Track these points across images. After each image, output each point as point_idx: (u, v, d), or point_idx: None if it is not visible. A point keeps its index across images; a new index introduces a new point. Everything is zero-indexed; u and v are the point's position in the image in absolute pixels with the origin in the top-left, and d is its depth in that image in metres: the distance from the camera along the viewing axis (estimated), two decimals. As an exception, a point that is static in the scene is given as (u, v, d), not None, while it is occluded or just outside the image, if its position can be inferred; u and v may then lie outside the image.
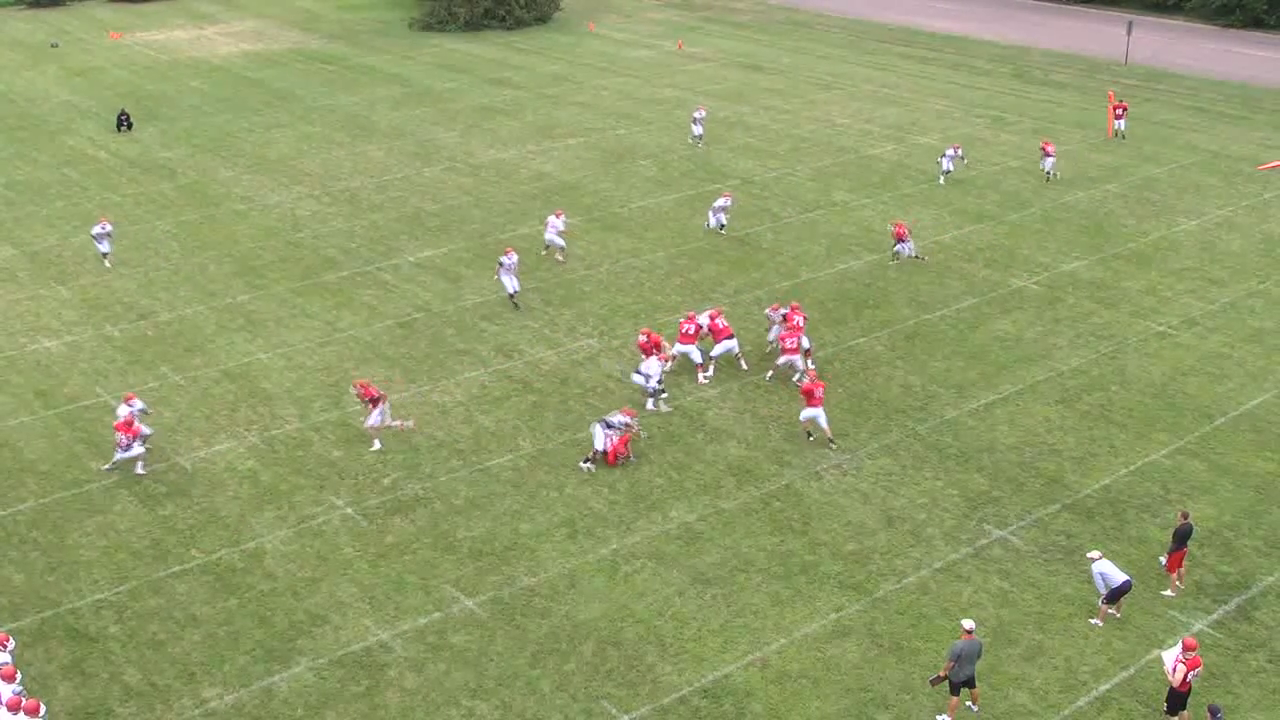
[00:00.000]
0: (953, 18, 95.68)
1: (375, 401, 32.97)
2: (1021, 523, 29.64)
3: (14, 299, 43.05)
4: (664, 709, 24.07)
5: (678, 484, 31.43)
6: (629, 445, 32.28)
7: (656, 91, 71.58)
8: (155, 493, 31.43)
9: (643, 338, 35.95)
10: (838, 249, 46.90)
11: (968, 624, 23.33)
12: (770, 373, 36.63)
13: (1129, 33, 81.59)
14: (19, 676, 22.90)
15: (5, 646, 23.19)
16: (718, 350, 36.83)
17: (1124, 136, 61.48)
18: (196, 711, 24.19)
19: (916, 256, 45.03)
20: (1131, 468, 32.10)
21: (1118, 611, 26.28)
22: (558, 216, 45.68)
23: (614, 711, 24.01)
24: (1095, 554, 26.12)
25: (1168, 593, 27.15)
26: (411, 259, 46.17)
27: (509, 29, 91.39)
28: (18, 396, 36.32)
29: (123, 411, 32.37)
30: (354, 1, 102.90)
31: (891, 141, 61.13)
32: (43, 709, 21.88)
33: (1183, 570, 27.23)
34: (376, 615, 26.75)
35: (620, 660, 25.33)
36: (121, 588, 27.74)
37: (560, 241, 45.60)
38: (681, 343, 36.57)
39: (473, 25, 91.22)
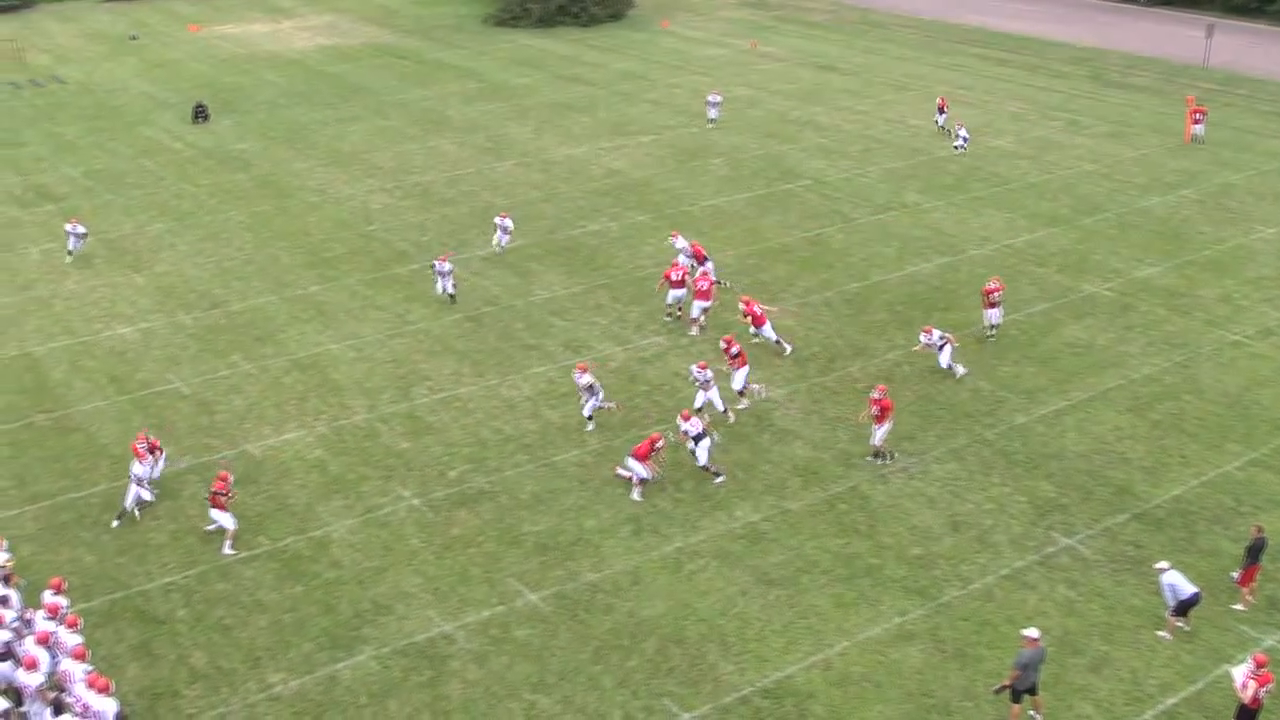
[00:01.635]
0: (1029, 19, 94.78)
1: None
2: (1089, 531, 29.34)
3: (90, 286, 43.67)
4: (725, 708, 24.04)
5: (743, 484, 31.38)
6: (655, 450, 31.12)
7: (729, 90, 71.39)
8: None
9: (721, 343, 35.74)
10: (909, 251, 46.63)
11: (1032, 632, 23.12)
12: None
13: (1209, 36, 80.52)
14: (89, 655, 23.25)
15: (76, 627, 23.53)
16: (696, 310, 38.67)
17: (1202, 142, 60.69)
18: (261, 696, 24.45)
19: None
20: (1203, 479, 31.68)
21: (1186, 624, 25.96)
22: (504, 218, 46.46)
23: (675, 709, 24.01)
24: (1164, 564, 25.81)
25: (1238, 607, 26.78)
26: (482, 253, 46.38)
27: (583, 25, 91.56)
28: (93, 381, 36.85)
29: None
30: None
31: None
32: (112, 687, 22.17)
33: (1254, 585, 26.87)
34: (440, 606, 26.91)
35: (682, 658, 25.33)
36: (190, 572, 28.09)
37: (504, 241, 46.27)
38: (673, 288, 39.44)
39: (547, 21, 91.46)
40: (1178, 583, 25.41)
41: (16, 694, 23.10)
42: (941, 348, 36.66)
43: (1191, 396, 35.79)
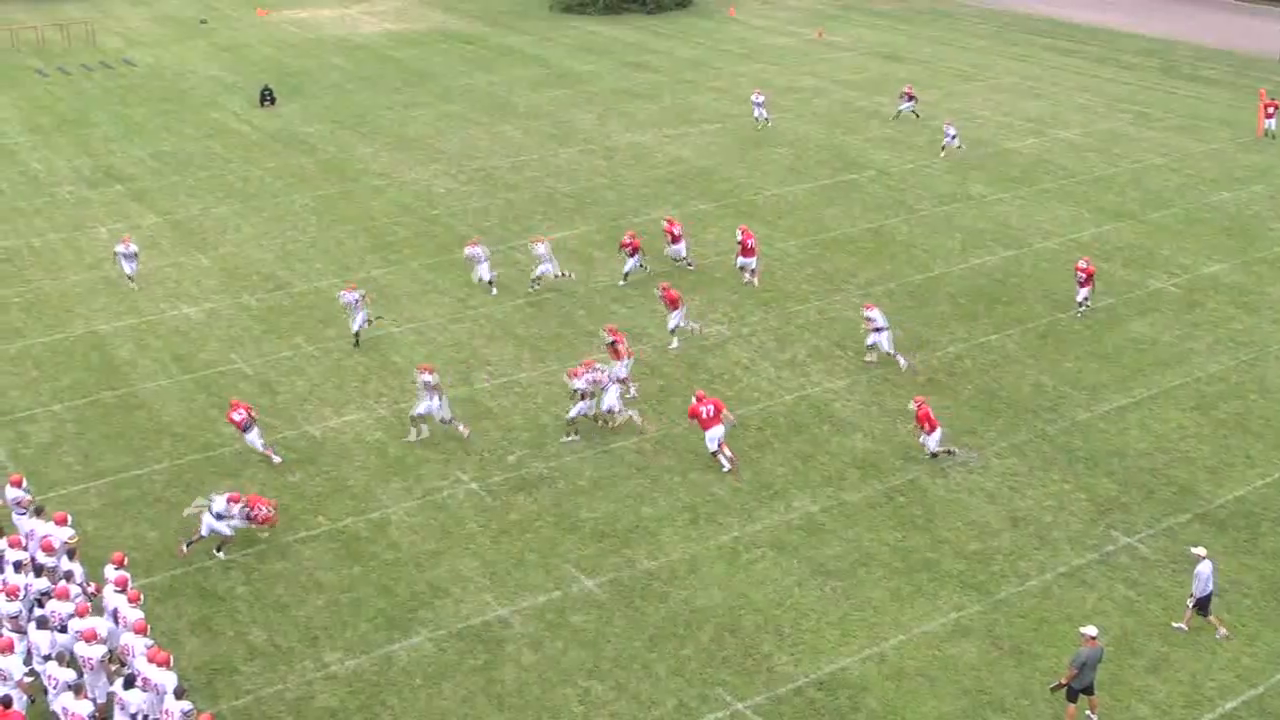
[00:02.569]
0: (1098, 9, 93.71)
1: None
2: (1150, 531, 29.03)
3: (156, 265, 44.13)
4: (779, 699, 24.01)
5: (801, 474, 31.30)
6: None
7: (795, 79, 71.18)
8: (285, 459, 32.05)
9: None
10: (973, 243, 46.29)
11: (1090, 630, 22.90)
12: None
13: (1284, 31, 79.38)
14: (149, 630, 23.53)
15: (138, 602, 23.83)
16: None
17: (1274, 137, 59.81)
18: (318, 674, 24.67)
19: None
20: (1268, 479, 31.26)
21: (1218, 622, 25.65)
22: (474, 246, 42.23)
23: (728, 699, 24.01)
24: (1202, 551, 25.48)
25: None
26: (545, 238, 46.43)
27: (649, 13, 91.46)
28: (157, 360, 37.27)
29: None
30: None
31: (1032, 135, 60.14)
32: (171, 661, 22.43)
33: None
34: (497, 590, 27.03)
35: (737, 648, 25.32)
36: (249, 550, 28.35)
37: (485, 273, 41.73)
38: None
39: (613, 8, 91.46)
40: (1207, 574, 25.09)
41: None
42: (880, 330, 36.56)
43: (1257, 396, 35.33)
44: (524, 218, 48.84)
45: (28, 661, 23.78)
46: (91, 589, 24.62)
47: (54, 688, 22.28)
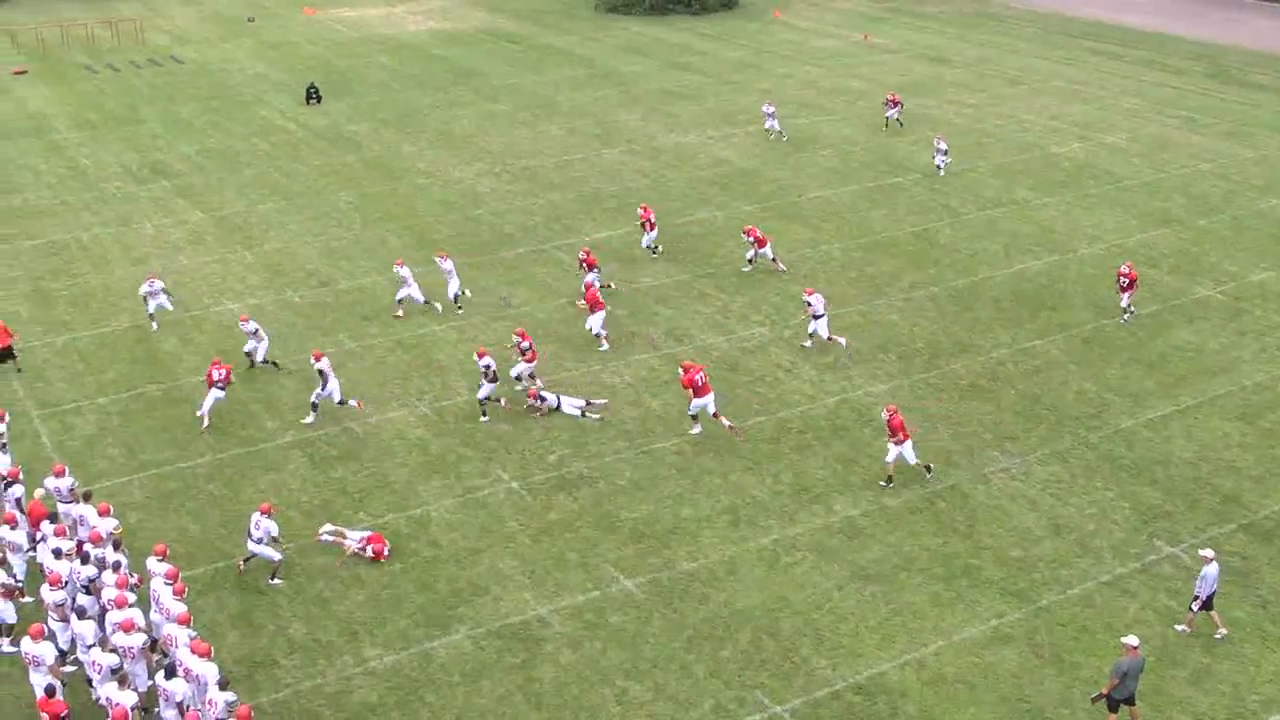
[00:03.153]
0: (1147, 13, 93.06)
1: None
2: (1194, 540, 28.74)
3: (202, 261, 44.43)
4: (816, 702, 23.95)
5: (842, 477, 31.22)
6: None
7: (840, 82, 71.00)
8: (327, 455, 32.24)
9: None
10: (1017, 248, 46.04)
11: (1132, 640, 22.73)
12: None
13: (1335, 38, 78.60)
14: (192, 621, 23.70)
15: (183, 595, 24.00)
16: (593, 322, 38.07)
17: (1324, 145, 59.27)
18: (357, 670, 24.77)
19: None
20: (1315, 489, 31.00)
21: (1219, 620, 25.62)
22: (443, 258, 40.83)
23: (766, 701, 23.97)
24: (1209, 553, 25.35)
25: None
26: (588, 239, 46.50)
27: (695, 14, 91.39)
28: (202, 354, 37.48)
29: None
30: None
31: (1078, 140, 59.77)
32: (213, 652, 22.58)
33: None
34: (536, 590, 27.08)
35: (775, 650, 25.27)
36: (290, 545, 28.49)
37: (456, 288, 40.49)
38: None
39: (659, 9, 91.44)
40: (1213, 576, 25.07)
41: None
42: (819, 317, 36.95)
43: (1305, 405, 35.04)
44: (566, 217, 48.91)
45: (71, 650, 24.10)
46: (135, 580, 24.82)
47: (99, 674, 22.52)
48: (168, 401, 34.96)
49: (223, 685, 21.62)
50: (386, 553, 28.08)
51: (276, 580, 27.35)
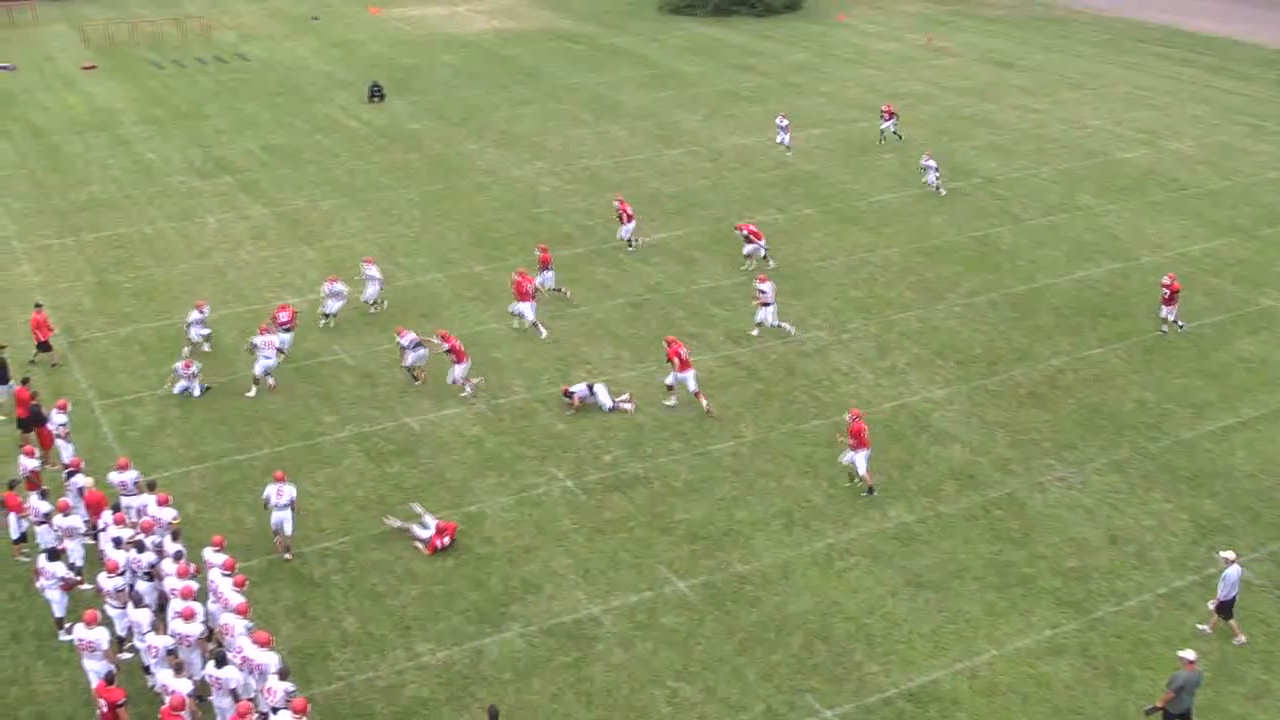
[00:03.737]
0: (1216, 18, 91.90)
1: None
2: (1254, 555, 28.39)
3: (263, 256, 44.81)
4: (867, 708, 23.85)
5: (898, 483, 31.06)
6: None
7: (902, 85, 70.62)
8: (383, 450, 32.44)
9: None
10: (1079, 255, 45.63)
11: (1189, 654, 22.49)
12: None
13: None
14: (250, 612, 23.91)
15: (242, 587, 24.23)
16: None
17: (1395, 155, 58.33)
18: (409, 664, 24.91)
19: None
20: (1379, 504, 30.54)
21: (1237, 629, 25.61)
22: (370, 264, 40.82)
23: (817, 706, 23.89)
24: (1231, 555, 25.22)
25: None
26: (647, 239, 46.52)
27: (758, 16, 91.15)
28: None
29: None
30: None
31: (1143, 146, 59.17)
32: (273, 641, 22.80)
33: None
34: (589, 589, 27.12)
35: (827, 655, 25.19)
36: (346, 538, 28.73)
37: (374, 293, 40.65)
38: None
39: (722, 10, 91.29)
40: (1234, 579, 25.04)
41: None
42: (768, 305, 37.53)
43: (1371, 419, 34.51)
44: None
45: (128, 638, 24.40)
46: (193, 569, 25.07)
47: (155, 660, 22.79)
48: (227, 394, 35.28)
49: (283, 675, 21.87)
50: (447, 542, 28.28)
51: (288, 555, 28.01)
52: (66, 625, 25.11)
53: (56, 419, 30.64)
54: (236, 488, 30.85)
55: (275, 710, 21.24)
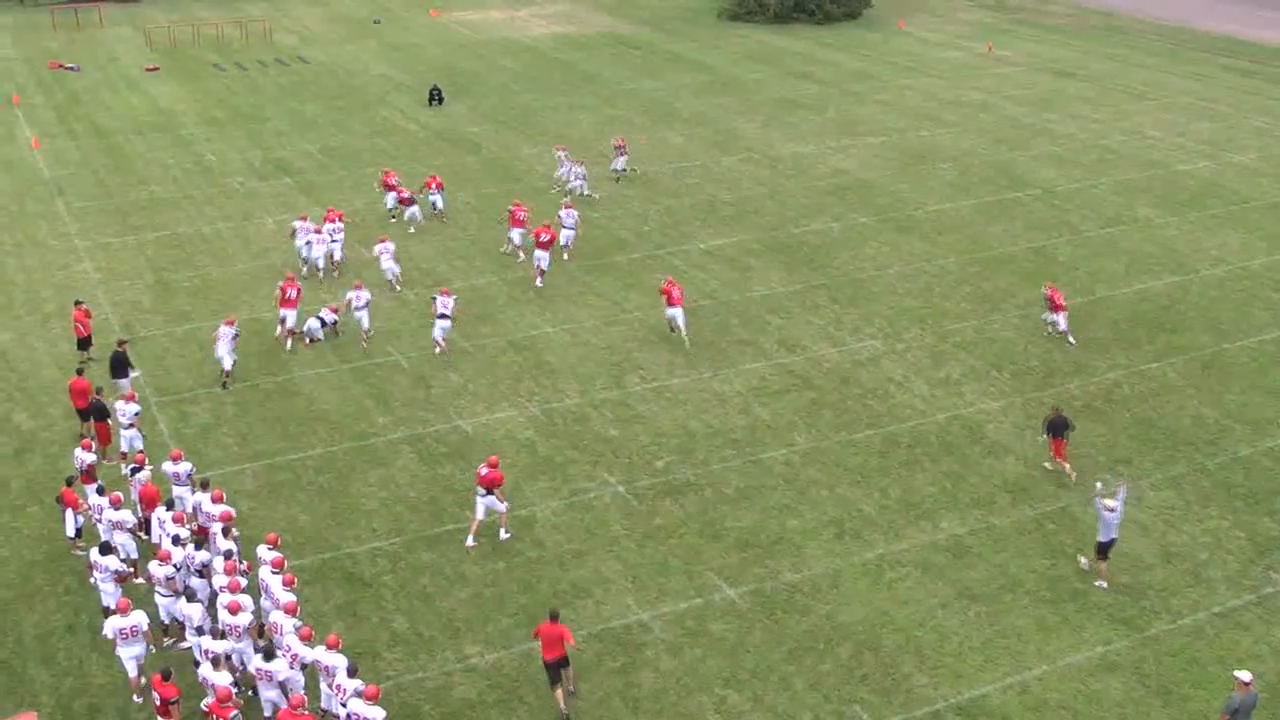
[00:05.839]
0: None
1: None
2: (1314, 573, 28.09)
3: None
4: (916, 721, 23.76)
5: (951, 495, 30.89)
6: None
7: (962, 94, 70.28)
8: (436, 452, 32.56)
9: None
10: (1137, 267, 45.23)
11: (1244, 675, 22.21)
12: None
13: None
14: (300, 611, 24.11)
15: (291, 585, 24.42)
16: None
17: None
18: (458, 666, 25.00)
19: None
20: None
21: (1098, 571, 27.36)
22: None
23: (865, 717, 23.79)
24: (1113, 505, 26.75)
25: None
26: (702, 246, 46.53)
27: (818, 23, 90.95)
28: (316, 349, 38.07)
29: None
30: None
31: (1205, 158, 58.58)
32: (333, 639, 23.04)
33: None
34: (639, 595, 27.12)
35: (877, 666, 25.07)
36: (397, 539, 28.87)
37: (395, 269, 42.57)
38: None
39: (782, 18, 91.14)
40: (1108, 522, 26.58)
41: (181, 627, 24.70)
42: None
43: None
44: (683, 224, 48.95)
45: (171, 629, 24.73)
46: (244, 566, 25.29)
47: (206, 656, 23.03)
48: (282, 394, 35.54)
49: (352, 672, 22.10)
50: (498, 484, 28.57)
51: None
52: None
53: (128, 409, 30.99)
54: (289, 486, 31.07)
55: (346, 705, 21.67)
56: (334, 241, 43.56)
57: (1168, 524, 29.81)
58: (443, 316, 37.60)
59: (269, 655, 22.37)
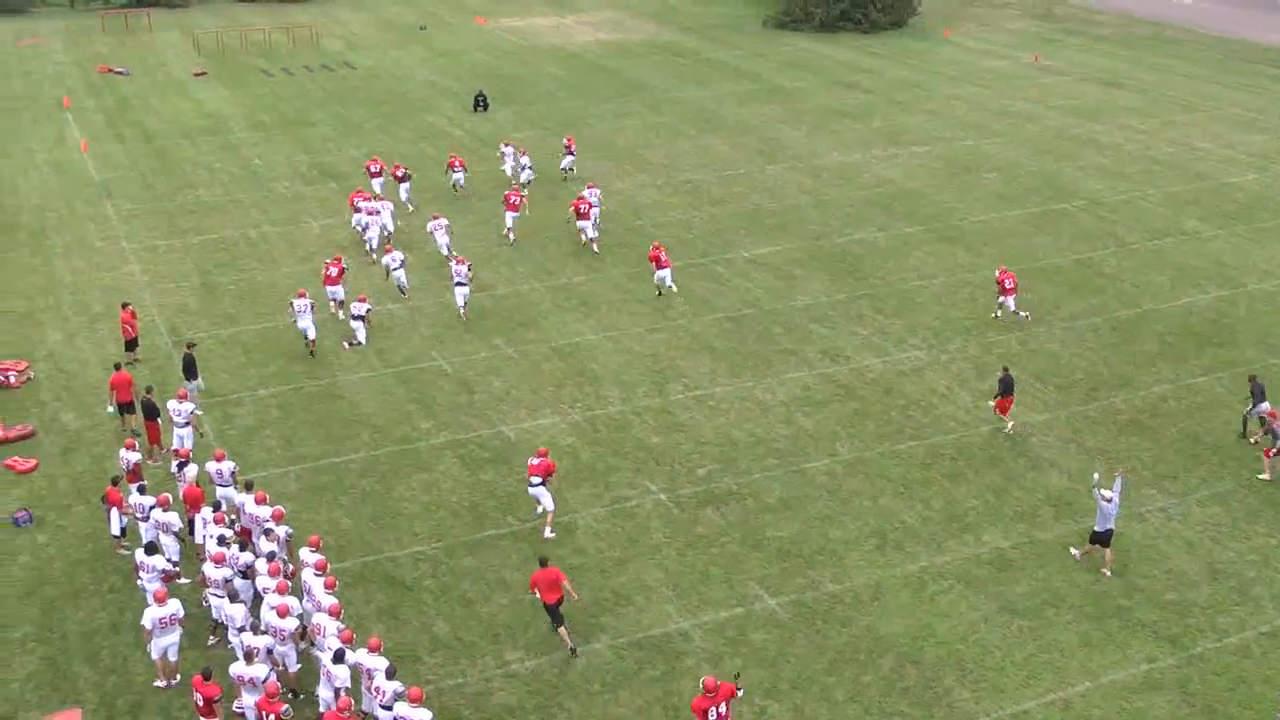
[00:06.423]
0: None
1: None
2: (1363, 591, 27.75)
3: (365, 261, 45.19)
4: (958, 735, 23.61)
5: (994, 508, 30.70)
6: None
7: (1008, 104, 69.94)
8: (478, 458, 32.64)
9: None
10: (1184, 281, 44.85)
11: (1292, 693, 22.02)
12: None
13: None
14: (342, 613, 24.22)
15: (333, 588, 24.53)
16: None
17: None
18: (498, 671, 25.03)
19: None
20: None
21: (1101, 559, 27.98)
22: (436, 219, 46.16)
23: (906, 730, 23.69)
24: (1110, 495, 27.22)
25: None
26: (746, 254, 46.47)
27: (864, 32, 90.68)
28: (360, 353, 38.23)
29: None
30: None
31: (1254, 170, 58.04)
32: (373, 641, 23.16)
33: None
34: (679, 603, 27.08)
35: (918, 679, 24.93)
36: (439, 543, 28.95)
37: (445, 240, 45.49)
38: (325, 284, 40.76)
39: (828, 26, 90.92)
40: (1105, 512, 26.99)
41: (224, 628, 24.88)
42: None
43: None
44: (726, 232, 48.91)
45: (217, 629, 24.89)
46: (290, 570, 25.43)
47: (248, 653, 23.19)
48: (326, 397, 35.71)
49: (390, 674, 22.24)
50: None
51: None
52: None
53: (182, 408, 31.22)
54: (332, 489, 31.22)
55: (387, 708, 21.80)
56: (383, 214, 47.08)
57: (1214, 540, 29.52)
58: (460, 284, 40.33)
59: (339, 658, 22.57)
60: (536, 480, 28.92)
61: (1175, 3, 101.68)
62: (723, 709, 21.57)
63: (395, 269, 42.11)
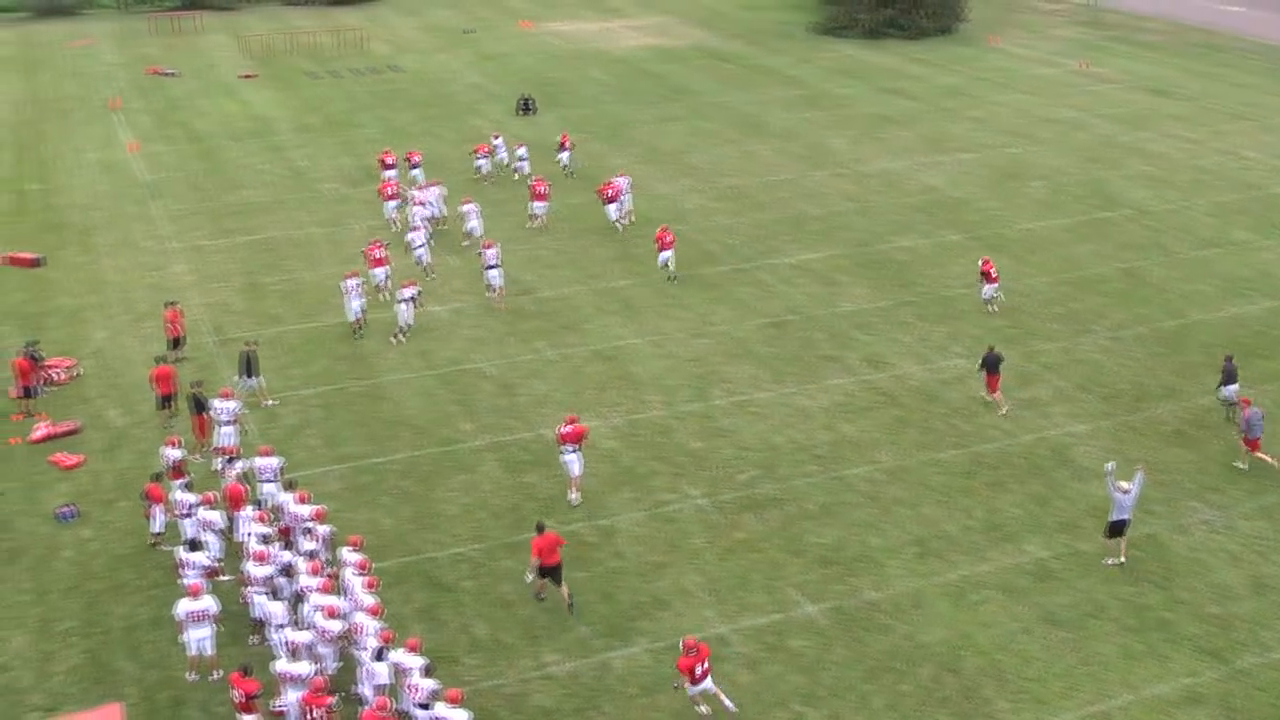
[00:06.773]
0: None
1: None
2: None
3: (408, 264, 45.28)
4: (997, 745, 23.48)
5: (1036, 518, 30.51)
6: None
7: (1055, 111, 69.52)
8: (519, 460, 32.71)
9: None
10: (1231, 291, 44.45)
11: (1337, 708, 21.78)
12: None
13: None
14: (382, 613, 24.33)
15: (375, 588, 24.66)
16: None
17: None
18: (536, 674, 25.07)
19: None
20: None
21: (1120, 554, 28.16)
22: (467, 202, 48.32)
23: (945, 740, 23.57)
24: (1126, 487, 27.58)
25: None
26: (790, 260, 46.40)
27: (910, 39, 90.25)
28: (402, 355, 38.42)
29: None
30: (757, 2, 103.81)
31: (1304, 184, 57.54)
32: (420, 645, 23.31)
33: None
34: (718, 608, 27.05)
35: (957, 689, 24.81)
36: (479, 545, 29.04)
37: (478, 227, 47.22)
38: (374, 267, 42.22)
39: (874, 33, 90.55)
40: (1118, 501, 27.25)
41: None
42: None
43: None
44: (770, 238, 48.84)
45: (258, 627, 25.05)
46: (330, 571, 25.56)
47: (288, 652, 23.33)
48: (368, 398, 35.89)
49: (426, 673, 22.38)
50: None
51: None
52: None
53: (229, 406, 31.47)
54: (373, 490, 31.36)
55: (424, 706, 21.93)
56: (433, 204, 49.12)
57: (1259, 554, 29.23)
58: (491, 266, 41.75)
59: (379, 655, 22.68)
60: (571, 448, 29.24)
61: (1224, 10, 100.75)
62: (706, 665, 23.33)
63: (417, 248, 44.24)
